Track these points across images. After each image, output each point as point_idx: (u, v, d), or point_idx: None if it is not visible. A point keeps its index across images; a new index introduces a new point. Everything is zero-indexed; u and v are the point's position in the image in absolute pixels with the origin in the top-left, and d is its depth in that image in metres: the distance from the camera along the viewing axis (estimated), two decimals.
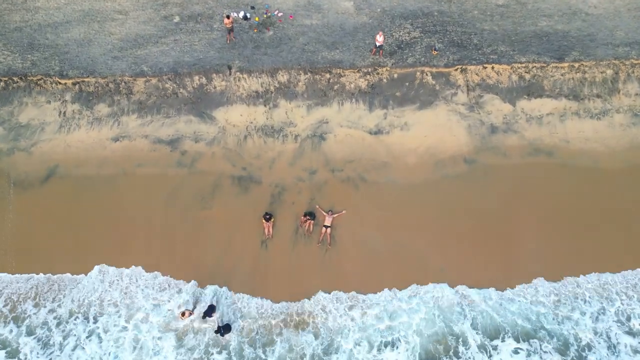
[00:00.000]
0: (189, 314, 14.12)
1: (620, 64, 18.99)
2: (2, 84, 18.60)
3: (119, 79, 18.56)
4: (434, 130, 18.07)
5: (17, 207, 16.42)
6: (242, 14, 20.73)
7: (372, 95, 18.73)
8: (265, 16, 20.86)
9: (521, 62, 18.94)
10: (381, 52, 19.00)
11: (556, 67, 18.91)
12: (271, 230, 15.83)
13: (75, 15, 21.01)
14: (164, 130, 18.07)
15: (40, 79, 18.59)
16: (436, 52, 19.14)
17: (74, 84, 18.60)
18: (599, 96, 18.81)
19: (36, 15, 20.92)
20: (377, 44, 18.60)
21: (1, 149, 17.65)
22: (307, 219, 15.88)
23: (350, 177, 17.15)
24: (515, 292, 14.93)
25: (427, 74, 18.85)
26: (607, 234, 15.81)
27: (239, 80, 18.67)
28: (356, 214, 16.24)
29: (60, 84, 18.59)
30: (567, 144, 17.92)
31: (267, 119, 18.34)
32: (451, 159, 17.52)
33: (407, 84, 18.84)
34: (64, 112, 18.33)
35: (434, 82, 18.79)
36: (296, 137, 17.98)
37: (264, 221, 15.76)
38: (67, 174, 17.14)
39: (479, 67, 18.90)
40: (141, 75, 18.59)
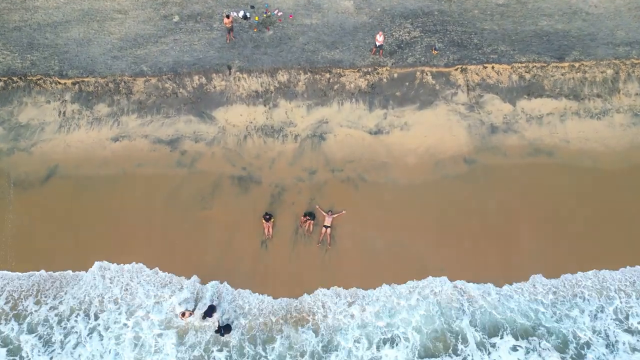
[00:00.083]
0: (189, 315, 14.16)
1: (620, 64, 18.95)
2: (1, 84, 18.57)
3: (119, 78, 18.54)
4: (434, 130, 18.05)
5: (17, 207, 16.44)
6: (241, 14, 20.67)
7: (372, 95, 18.70)
8: (265, 15, 20.81)
9: (521, 62, 18.89)
10: (381, 51, 18.96)
11: (556, 67, 18.87)
12: (271, 230, 15.84)
13: (74, 14, 20.96)
14: (163, 130, 18.06)
15: (39, 79, 18.56)
16: (436, 51, 19.10)
17: (74, 84, 18.57)
18: (599, 96, 18.78)
19: (35, 14, 20.87)
20: (377, 43, 18.56)
21: (1, 149, 17.65)
22: (307, 219, 15.89)
23: (350, 177, 17.15)
24: (513, 288, 14.98)
25: (427, 74, 18.82)
26: (607, 234, 15.81)
27: (239, 80, 18.64)
28: (356, 214, 16.25)
29: (59, 83, 18.56)
30: (567, 144, 17.90)
31: (267, 118, 18.32)
32: (451, 159, 17.51)
33: (407, 83, 18.80)
34: (64, 112, 18.32)
35: (434, 82, 18.76)
36: (296, 137, 17.97)
37: (263, 221, 15.77)
38: (67, 174, 17.15)
39: (479, 66, 18.85)
40: (141, 75, 18.57)
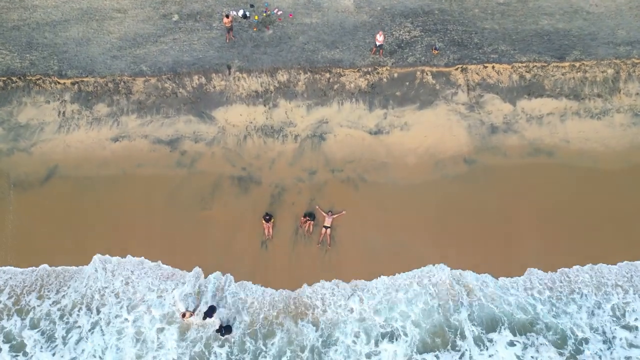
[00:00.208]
0: (190, 315, 14.20)
1: (621, 63, 18.90)
2: (0, 84, 18.51)
3: (118, 78, 18.48)
4: (434, 130, 18.03)
5: (17, 208, 16.44)
6: (241, 13, 20.59)
7: (372, 94, 18.66)
8: (264, 15, 20.72)
9: (522, 62, 18.84)
10: (381, 51, 18.91)
11: (557, 67, 18.82)
12: (271, 230, 15.86)
13: (73, 13, 20.86)
14: (163, 130, 18.03)
15: (39, 79, 18.51)
16: (437, 51, 19.04)
17: (73, 84, 18.52)
18: (599, 96, 18.75)
19: (34, 13, 20.78)
20: (377, 43, 18.50)
21: (1, 149, 17.62)
22: (307, 220, 15.90)
23: (350, 177, 17.14)
24: (511, 281, 15.03)
25: (427, 74, 18.77)
26: (607, 235, 15.83)
27: (239, 79, 18.60)
28: (356, 214, 16.26)
29: (59, 83, 18.51)
30: (567, 144, 17.88)
31: (266, 118, 18.30)
32: (451, 159, 17.50)
33: (407, 83, 18.76)
34: (63, 112, 18.28)
35: (434, 82, 18.72)
36: (296, 137, 17.94)
37: (263, 222, 15.78)
38: (66, 174, 17.13)
39: (479, 66, 18.80)
40: (140, 74, 18.51)
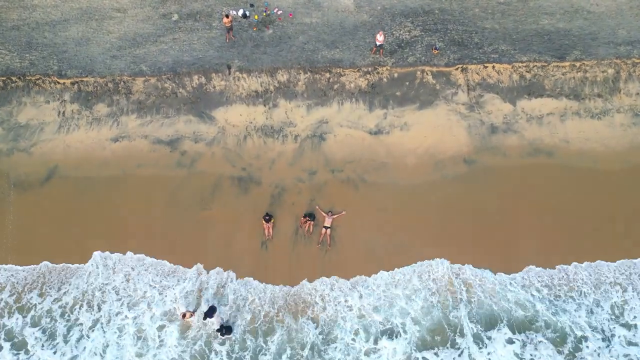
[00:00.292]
0: (190, 315, 14.23)
1: (621, 63, 18.88)
2: (0, 84, 18.50)
3: (118, 78, 18.46)
4: (434, 130, 18.02)
5: (17, 208, 16.44)
6: (241, 12, 20.55)
7: (372, 94, 18.64)
8: (264, 14, 20.68)
9: (522, 61, 18.81)
10: (381, 51, 18.88)
11: (557, 67, 18.79)
12: (271, 231, 15.87)
13: (73, 13, 20.84)
14: (163, 130, 18.02)
15: (38, 79, 18.49)
16: (437, 51, 19.01)
17: (73, 84, 18.50)
18: (599, 96, 18.73)
19: (33, 13, 20.75)
20: (378, 43, 18.47)
21: (1, 149, 17.63)
22: (307, 220, 15.91)
23: (350, 177, 17.14)
24: (510, 278, 15.09)
25: (427, 74, 18.75)
26: (608, 235, 15.84)
27: (239, 79, 18.57)
28: (356, 214, 16.27)
29: (58, 83, 18.50)
30: (567, 144, 17.87)
31: (266, 119, 18.28)
32: (451, 159, 17.49)
33: (407, 83, 18.74)
34: (63, 112, 18.27)
35: (434, 82, 18.70)
36: (296, 137, 17.94)
37: (264, 222, 15.79)
38: (67, 174, 17.14)
39: (479, 66, 18.77)
40: (140, 74, 18.49)
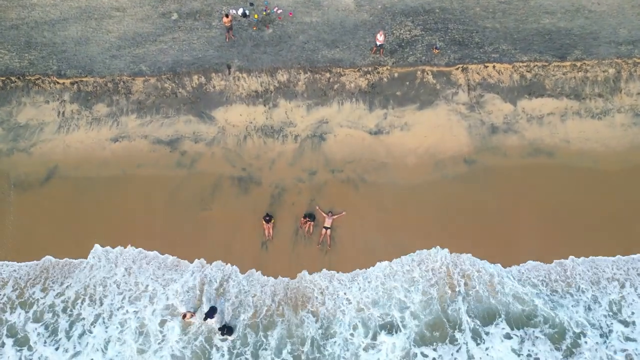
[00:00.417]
0: (191, 316, 14.27)
1: (622, 63, 18.82)
2: None
3: (118, 78, 18.42)
4: (434, 130, 18.00)
5: (17, 209, 16.44)
6: (240, 11, 20.47)
7: (372, 94, 18.60)
8: (264, 13, 20.61)
9: (523, 61, 18.76)
10: (382, 50, 18.82)
11: (558, 66, 18.74)
12: (271, 231, 15.88)
13: (72, 12, 20.77)
14: (163, 130, 18.00)
15: (38, 79, 18.45)
16: (437, 50, 18.95)
17: (72, 84, 18.47)
18: (600, 95, 18.69)
19: (32, 12, 20.68)
20: (378, 43, 18.41)
21: (0, 149, 17.62)
22: (307, 221, 15.91)
23: (350, 177, 17.14)
24: (507, 271, 15.15)
25: (427, 73, 18.70)
26: (608, 235, 15.84)
27: (238, 79, 18.53)
28: (356, 214, 16.28)
29: (58, 83, 18.46)
30: (568, 144, 17.85)
31: (266, 119, 18.26)
32: (451, 159, 17.47)
33: (407, 83, 18.70)
34: (63, 112, 18.25)
35: (434, 82, 18.66)
36: (296, 137, 17.92)
37: (264, 222, 15.80)
38: (66, 174, 17.13)
39: (480, 66, 18.72)
40: (140, 74, 18.45)
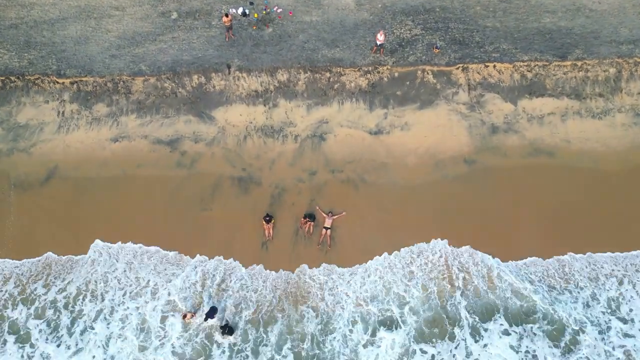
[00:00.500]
0: (191, 316, 14.30)
1: (623, 62, 18.77)
2: None
3: (117, 78, 18.38)
4: (435, 130, 17.97)
5: (18, 209, 16.44)
6: (240, 10, 20.40)
7: (372, 94, 18.57)
8: (264, 12, 20.53)
9: (523, 61, 18.70)
10: (382, 50, 18.77)
11: (559, 66, 18.69)
12: (271, 231, 15.89)
13: (71, 11, 20.70)
14: (163, 130, 17.98)
15: (37, 79, 18.41)
16: (438, 50, 18.90)
17: (72, 84, 18.43)
18: (601, 95, 18.65)
19: (32, 11, 20.61)
20: (378, 42, 18.36)
21: (0, 149, 17.60)
22: (307, 221, 15.93)
23: (350, 177, 17.13)
24: (507, 265, 15.18)
25: (428, 73, 18.65)
26: (608, 235, 15.86)
27: (238, 79, 18.49)
28: (356, 215, 16.28)
29: (58, 83, 18.42)
30: (568, 144, 17.83)
31: (266, 118, 18.23)
32: (451, 159, 17.45)
33: (408, 82, 18.65)
34: (63, 112, 18.22)
35: (435, 81, 18.61)
36: (296, 137, 17.90)
37: (264, 223, 15.81)
38: (66, 175, 17.12)
39: (480, 65, 18.67)
40: (139, 74, 18.40)
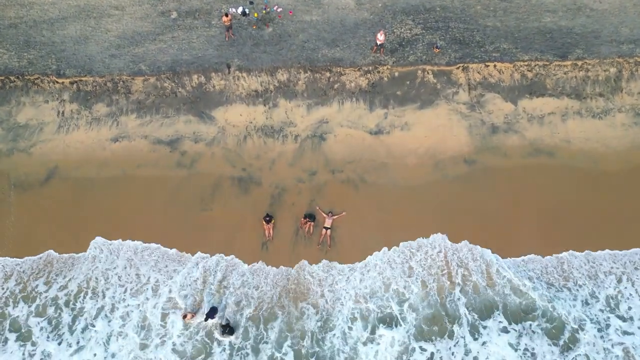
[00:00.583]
0: (192, 317, 14.32)
1: (624, 62, 18.74)
2: None
3: (117, 78, 18.35)
4: (435, 130, 17.95)
5: (18, 209, 16.44)
6: (240, 10, 20.35)
7: (372, 94, 18.54)
8: (264, 12, 20.49)
9: (524, 60, 18.67)
10: (382, 50, 18.73)
11: (559, 66, 18.66)
12: (272, 232, 15.90)
13: (70, 10, 20.65)
14: (163, 130, 17.97)
15: (37, 78, 18.38)
16: (438, 49, 18.86)
17: (72, 83, 18.40)
18: (601, 95, 18.62)
19: (31, 11, 20.56)
20: (378, 42, 18.32)
21: (0, 149, 17.58)
22: (307, 221, 15.93)
23: (350, 178, 17.13)
24: (507, 262, 15.22)
25: (428, 73, 18.62)
26: (608, 236, 15.87)
27: (238, 79, 18.46)
28: (356, 215, 16.29)
29: (57, 83, 18.39)
30: (568, 144, 17.82)
31: (266, 118, 18.21)
32: (451, 159, 17.45)
33: (408, 82, 18.63)
34: (62, 112, 18.20)
35: (435, 81, 18.58)
36: (296, 137, 17.88)
37: (264, 223, 15.82)
38: (66, 175, 17.11)
39: (481, 65, 18.65)
40: (139, 74, 18.38)
